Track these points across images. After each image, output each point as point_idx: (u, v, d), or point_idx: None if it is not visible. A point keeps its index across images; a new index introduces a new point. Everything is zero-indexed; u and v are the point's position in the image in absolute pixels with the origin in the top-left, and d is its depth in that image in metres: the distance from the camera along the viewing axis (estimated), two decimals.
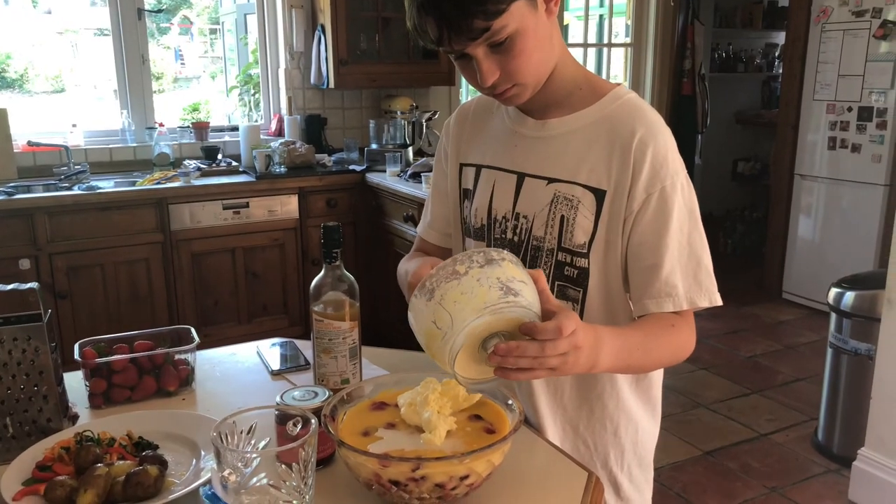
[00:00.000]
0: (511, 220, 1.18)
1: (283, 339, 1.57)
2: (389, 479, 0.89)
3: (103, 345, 1.31)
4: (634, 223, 1.09)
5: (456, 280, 0.88)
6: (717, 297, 1.11)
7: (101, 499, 0.95)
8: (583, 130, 1.13)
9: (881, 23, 4.16)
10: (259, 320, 3.69)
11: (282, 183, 3.63)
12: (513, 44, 1.01)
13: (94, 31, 4.78)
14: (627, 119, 1.10)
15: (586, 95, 1.14)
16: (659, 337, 1.08)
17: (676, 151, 1.10)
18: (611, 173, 1.09)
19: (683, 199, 1.09)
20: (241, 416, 0.91)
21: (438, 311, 0.89)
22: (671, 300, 1.08)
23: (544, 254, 1.15)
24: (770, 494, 2.75)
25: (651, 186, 1.07)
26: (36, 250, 3.15)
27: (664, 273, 1.08)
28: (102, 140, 3.88)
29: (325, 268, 1.19)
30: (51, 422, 1.14)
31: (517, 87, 1.07)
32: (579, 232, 1.11)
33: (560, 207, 1.12)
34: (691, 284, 1.09)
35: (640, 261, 1.10)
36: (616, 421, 1.22)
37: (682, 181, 1.09)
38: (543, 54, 1.07)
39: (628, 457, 1.24)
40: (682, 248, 1.09)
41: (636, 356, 1.06)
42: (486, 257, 0.90)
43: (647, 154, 1.07)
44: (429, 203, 1.39)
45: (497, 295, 0.88)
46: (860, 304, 2.78)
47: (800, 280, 4.81)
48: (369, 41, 4.03)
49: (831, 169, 4.55)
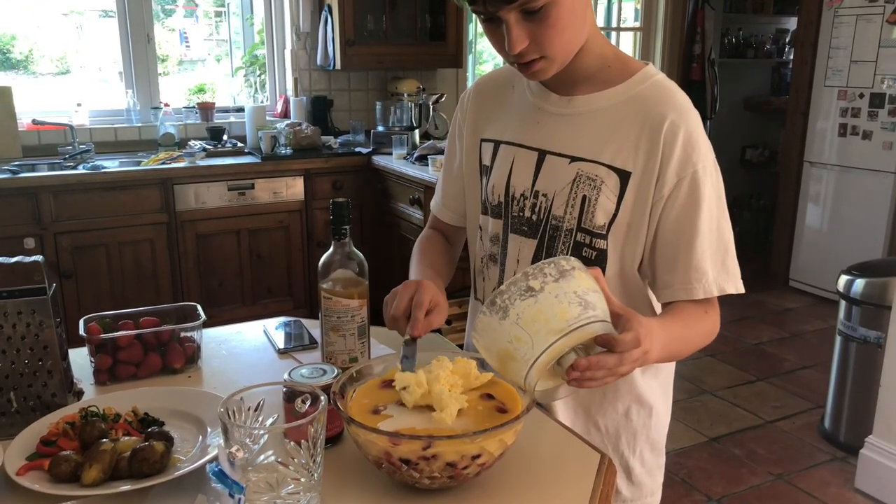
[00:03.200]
0: (530, 198, 1.15)
1: (289, 318, 1.56)
2: (400, 458, 0.88)
3: (108, 321, 1.29)
4: (665, 208, 1.07)
5: (532, 298, 0.86)
6: (741, 283, 1.10)
7: (107, 474, 0.94)
8: (610, 109, 1.10)
9: (895, 8, 4.10)
10: (264, 302, 3.68)
11: (287, 164, 3.61)
12: (548, 13, 0.98)
13: (99, 12, 4.75)
14: (657, 101, 1.08)
15: (615, 74, 1.11)
16: (695, 326, 1.08)
17: (705, 135, 1.08)
18: (637, 155, 1.07)
19: (713, 183, 1.07)
20: (248, 393, 0.90)
21: (515, 331, 0.86)
22: (701, 286, 1.07)
23: (563, 233, 1.12)
24: (775, 481, 2.74)
25: (682, 171, 1.05)
26: (41, 229, 3.13)
27: (695, 259, 1.07)
28: (107, 120, 3.86)
29: (334, 245, 1.17)
30: (55, 397, 1.13)
31: (544, 59, 1.04)
32: (600, 213, 1.09)
33: (582, 187, 1.09)
34: (720, 271, 1.08)
35: (670, 246, 1.08)
36: (628, 404, 1.20)
37: (711, 165, 1.08)
38: (575, 30, 1.04)
39: (640, 441, 1.23)
40: (712, 233, 1.08)
41: (677, 346, 1.06)
42: (559, 269, 0.87)
43: (678, 138, 1.05)
44: (440, 180, 1.36)
45: (577, 312, 0.86)
46: (870, 291, 2.76)
47: (807, 268, 4.79)
48: (376, 22, 3.99)
49: (841, 156, 4.51)
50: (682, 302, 1.09)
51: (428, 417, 0.95)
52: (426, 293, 1.08)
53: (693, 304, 1.08)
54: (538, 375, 0.87)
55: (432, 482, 0.90)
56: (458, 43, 4.11)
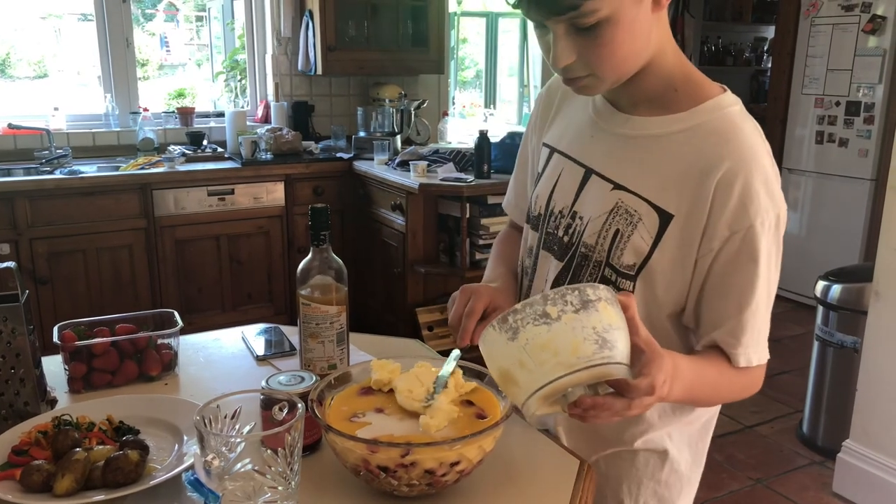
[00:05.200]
0: (566, 218, 1.07)
1: (269, 325, 1.54)
2: (378, 465, 0.87)
3: (83, 328, 1.28)
4: (714, 261, 0.96)
5: (546, 325, 0.79)
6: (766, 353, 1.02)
7: (80, 484, 0.92)
8: (666, 138, 0.99)
9: (870, 17, 4.16)
10: (244, 308, 3.65)
11: (268, 170, 3.59)
12: (601, 31, 0.88)
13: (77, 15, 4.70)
14: (718, 140, 0.95)
15: (682, 98, 0.99)
16: (731, 377, 1.00)
17: (773, 185, 0.95)
18: (682, 198, 0.96)
19: (772, 242, 0.96)
20: (225, 400, 0.89)
21: (521, 355, 0.80)
22: (744, 356, 0.99)
23: (592, 264, 1.03)
24: (755, 486, 2.75)
25: (736, 224, 0.93)
26: (16, 235, 3.09)
27: (741, 324, 0.97)
28: (85, 124, 3.82)
29: (313, 251, 1.17)
30: (28, 406, 1.11)
31: (592, 77, 0.94)
32: (630, 252, 0.99)
33: (618, 219, 1.00)
34: (755, 338, 0.99)
35: (718, 302, 0.98)
36: (636, 449, 1.10)
37: (773, 221, 0.95)
38: (634, 50, 0.93)
39: (645, 493, 1.12)
40: (761, 299, 0.97)
41: (704, 392, 1.00)
42: (582, 298, 0.80)
43: (733, 188, 0.93)
44: (512, 176, 1.28)
45: (591, 350, 0.79)
46: (847, 296, 2.79)
47: (785, 274, 4.74)
48: (358, 27, 3.99)
49: (818, 163, 4.56)
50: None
51: (407, 424, 0.94)
52: (480, 300, 1.04)
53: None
54: (537, 406, 0.83)
55: (411, 490, 0.90)
56: (439, 49, 4.12)
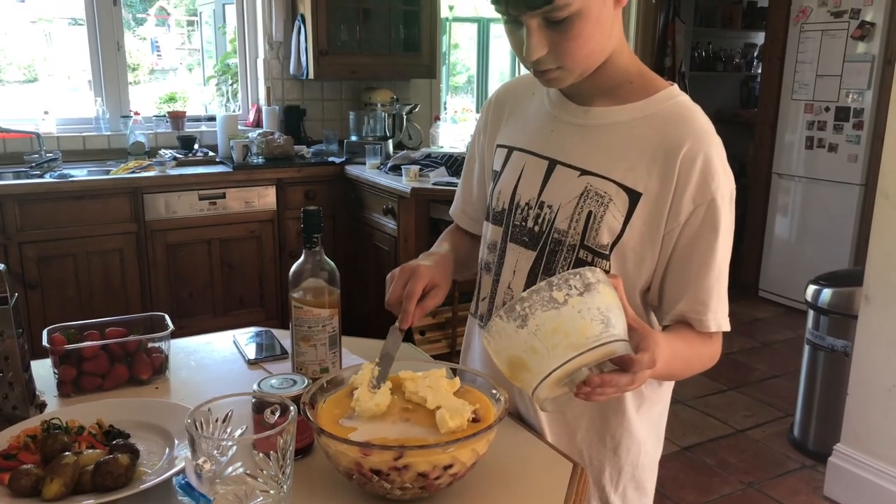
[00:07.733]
0: (534, 209, 1.11)
1: (260, 329, 1.54)
2: (371, 469, 0.87)
3: (73, 331, 1.27)
4: (680, 235, 1.04)
5: (555, 310, 0.83)
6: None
7: (69, 488, 0.92)
8: (626, 125, 1.06)
9: (859, 23, 4.19)
10: (235, 313, 3.63)
11: (259, 174, 3.58)
12: (571, 24, 0.95)
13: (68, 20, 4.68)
14: (677, 124, 1.04)
15: (636, 89, 1.07)
16: (699, 349, 1.07)
17: (726, 163, 1.05)
18: (650, 177, 1.03)
19: (729, 213, 1.05)
20: (216, 404, 0.88)
21: (532, 341, 0.83)
22: (713, 321, 1.06)
23: (565, 248, 1.08)
24: (746, 490, 2.76)
25: (699, 198, 1.02)
26: (5, 239, 3.06)
27: (705, 291, 1.05)
28: (75, 128, 3.80)
29: (305, 253, 1.16)
30: (16, 409, 1.10)
31: (561, 70, 1.01)
32: (605, 231, 1.05)
33: (589, 202, 1.06)
34: (722, 304, 1.07)
35: (682, 274, 1.05)
36: (617, 438, 1.15)
37: (729, 195, 1.04)
38: (599, 43, 1.00)
39: (625, 478, 1.18)
40: (722, 267, 1.05)
41: (679, 366, 1.05)
42: (584, 282, 0.85)
43: (695, 164, 1.01)
44: (459, 185, 1.34)
45: (598, 329, 0.83)
46: (837, 300, 2.80)
47: (776, 278, 4.85)
48: (350, 32, 3.98)
49: (808, 168, 4.59)
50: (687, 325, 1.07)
51: (399, 427, 0.94)
52: (419, 280, 1.07)
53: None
54: (549, 389, 0.85)
55: (404, 493, 0.89)
56: (431, 54, 4.12)
